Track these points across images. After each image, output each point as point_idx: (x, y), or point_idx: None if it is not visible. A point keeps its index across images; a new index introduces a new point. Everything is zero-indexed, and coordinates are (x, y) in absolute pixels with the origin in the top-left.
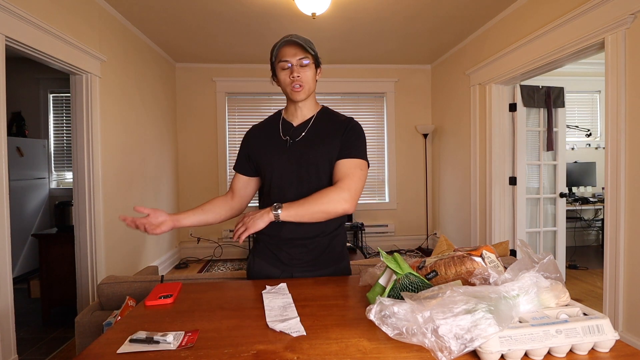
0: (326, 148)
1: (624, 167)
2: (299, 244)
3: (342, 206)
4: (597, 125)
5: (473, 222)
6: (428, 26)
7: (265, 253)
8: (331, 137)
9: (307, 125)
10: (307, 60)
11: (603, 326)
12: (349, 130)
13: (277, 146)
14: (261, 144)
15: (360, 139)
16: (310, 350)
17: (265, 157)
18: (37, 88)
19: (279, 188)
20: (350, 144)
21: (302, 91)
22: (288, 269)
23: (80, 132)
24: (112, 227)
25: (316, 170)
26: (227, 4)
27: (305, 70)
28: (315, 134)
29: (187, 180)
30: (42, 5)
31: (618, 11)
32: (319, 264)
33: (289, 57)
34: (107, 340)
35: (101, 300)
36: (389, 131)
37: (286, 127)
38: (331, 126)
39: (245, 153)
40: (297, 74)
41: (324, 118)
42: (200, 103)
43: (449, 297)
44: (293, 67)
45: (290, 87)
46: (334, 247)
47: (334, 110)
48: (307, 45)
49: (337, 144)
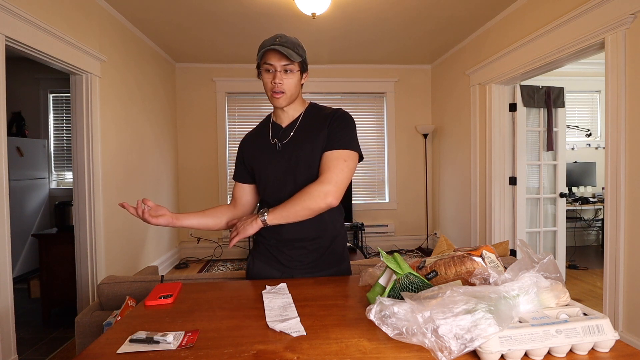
0: (314, 144)
1: (624, 167)
2: (299, 245)
3: (324, 201)
4: (597, 125)
5: (473, 222)
6: (428, 26)
7: (264, 255)
8: (317, 131)
9: (295, 125)
10: (292, 67)
11: (603, 326)
12: (333, 121)
13: (267, 151)
14: (253, 151)
15: (346, 129)
16: (310, 350)
17: (258, 162)
18: (37, 88)
19: (274, 191)
20: (334, 135)
21: (282, 98)
22: (288, 270)
23: (80, 132)
24: (112, 227)
25: (308, 168)
26: (227, 4)
27: (289, 77)
28: (303, 132)
29: (187, 180)
30: (42, 5)
31: (618, 11)
32: (319, 265)
33: (274, 62)
34: (107, 340)
35: (101, 300)
36: (389, 131)
37: (275, 130)
38: (318, 121)
39: (241, 161)
40: (279, 81)
41: (311, 114)
42: (200, 103)
43: (449, 297)
44: (276, 73)
45: (271, 93)
46: (334, 249)
47: (323, 105)
48: (295, 51)
49: (323, 138)
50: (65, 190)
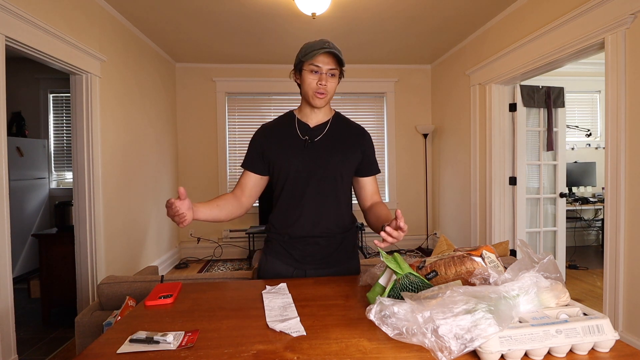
0: (345, 156)
1: (624, 167)
2: (312, 241)
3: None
4: (597, 125)
5: (473, 222)
6: (428, 26)
7: (278, 252)
8: (351, 147)
9: (325, 127)
10: (336, 72)
11: (603, 326)
12: (369, 146)
13: (294, 145)
14: (277, 142)
15: (374, 153)
16: (310, 350)
17: (282, 154)
18: (37, 88)
19: (292, 187)
20: (370, 161)
21: (324, 99)
22: (302, 266)
23: (80, 132)
24: (112, 227)
25: (332, 174)
26: (227, 4)
27: (332, 80)
28: (334, 139)
29: (187, 180)
30: (42, 5)
31: (618, 11)
32: (331, 262)
33: (322, 64)
34: (107, 340)
35: (101, 300)
36: (389, 131)
37: (302, 127)
38: (349, 135)
39: (258, 151)
40: (324, 82)
41: (340, 124)
42: (200, 103)
43: (449, 297)
44: (322, 75)
45: (314, 92)
46: (346, 246)
47: (347, 117)
48: (342, 57)
49: (357, 156)
50: (65, 190)
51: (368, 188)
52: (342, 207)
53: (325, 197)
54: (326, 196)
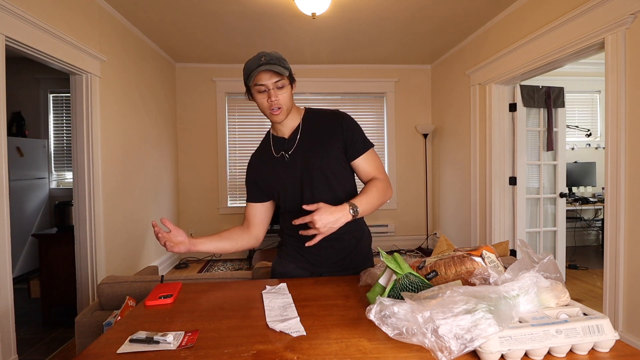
0: (327, 151)
1: (624, 167)
2: (326, 245)
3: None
4: (597, 125)
5: (473, 222)
6: (428, 26)
7: (292, 255)
8: (329, 139)
9: (298, 133)
10: (283, 82)
11: (603, 326)
12: (347, 127)
13: (277, 165)
14: (262, 168)
15: (358, 129)
16: (310, 350)
17: (271, 177)
18: (37, 88)
19: (293, 201)
20: (355, 139)
21: (281, 113)
22: (317, 270)
23: (80, 132)
24: (112, 227)
25: (321, 172)
26: (227, 4)
27: (282, 92)
28: (310, 139)
29: (187, 180)
30: (42, 5)
31: (618, 11)
32: (345, 264)
33: (265, 81)
34: (107, 340)
35: (101, 300)
36: (389, 131)
37: (279, 143)
38: (323, 128)
39: (252, 181)
40: (274, 98)
41: (312, 121)
42: (200, 103)
43: (449, 297)
44: (270, 92)
45: (269, 111)
46: (361, 248)
47: (318, 108)
48: (282, 65)
49: (339, 145)
50: (65, 190)
51: (361, 169)
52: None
53: (324, 198)
54: (323, 197)
